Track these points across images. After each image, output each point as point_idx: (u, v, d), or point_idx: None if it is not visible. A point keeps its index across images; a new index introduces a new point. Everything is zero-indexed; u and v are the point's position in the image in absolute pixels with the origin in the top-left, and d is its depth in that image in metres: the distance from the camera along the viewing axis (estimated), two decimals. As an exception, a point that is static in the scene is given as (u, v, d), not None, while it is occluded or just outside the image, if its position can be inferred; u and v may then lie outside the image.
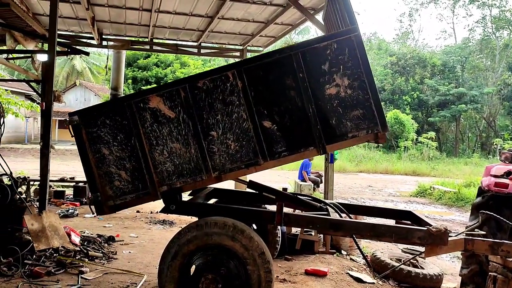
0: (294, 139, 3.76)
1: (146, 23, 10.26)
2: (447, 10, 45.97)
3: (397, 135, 30.71)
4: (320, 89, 3.71)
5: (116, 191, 3.94)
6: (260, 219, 4.44)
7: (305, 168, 13.77)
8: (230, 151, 3.81)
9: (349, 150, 28.22)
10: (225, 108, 3.79)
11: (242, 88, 3.76)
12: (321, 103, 3.71)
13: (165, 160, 3.86)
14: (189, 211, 4.28)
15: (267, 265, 3.69)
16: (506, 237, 4.55)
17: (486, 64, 39.60)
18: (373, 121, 3.73)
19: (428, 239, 3.85)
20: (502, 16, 38.86)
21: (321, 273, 5.46)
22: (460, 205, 13.14)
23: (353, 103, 3.70)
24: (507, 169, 5.00)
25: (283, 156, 3.78)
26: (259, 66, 3.79)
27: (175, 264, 3.74)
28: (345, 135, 3.74)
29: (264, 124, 3.76)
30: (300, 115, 3.73)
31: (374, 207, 6.28)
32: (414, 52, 39.06)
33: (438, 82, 35.52)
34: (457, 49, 40.37)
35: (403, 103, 35.45)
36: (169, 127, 3.85)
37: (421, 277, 5.46)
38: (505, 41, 38.19)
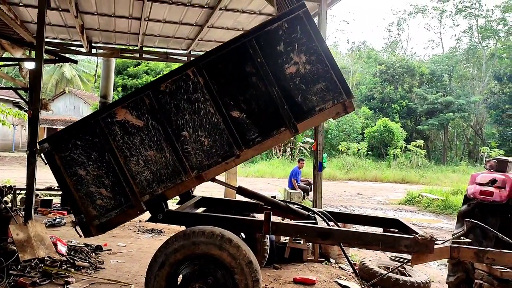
0: (264, 123, 3.79)
1: (136, 31, 10.27)
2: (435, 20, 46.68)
3: (386, 143, 30.93)
4: (280, 70, 3.75)
5: (100, 209, 3.92)
6: (248, 228, 4.43)
7: (295, 176, 13.79)
8: (205, 148, 3.82)
9: (339, 158, 28.35)
10: (191, 107, 3.80)
11: (204, 83, 3.78)
12: (284, 84, 3.75)
13: (142, 169, 3.85)
14: (177, 220, 4.26)
15: (254, 274, 3.69)
16: (491, 244, 4.59)
17: (472, 73, 40.16)
18: (337, 91, 3.77)
19: (415, 247, 3.88)
20: (488, 26, 39.50)
21: (310, 282, 5.46)
22: (448, 213, 13.24)
23: (314, 77, 3.75)
24: (492, 177, 5.06)
25: (257, 143, 3.80)
26: (217, 59, 3.81)
27: (162, 274, 3.72)
28: (313, 109, 3.77)
29: (233, 114, 3.78)
30: (266, 99, 3.76)
31: (362, 215, 6.31)
32: (403, 61, 39.49)
33: (426, 90, 35.92)
34: (444, 58, 40.90)
35: (392, 111, 35.76)
36: (140, 136, 3.85)
37: (408, 285, 5.48)
38: (491, 51, 38.79)
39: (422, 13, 45.60)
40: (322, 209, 5.36)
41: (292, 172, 13.97)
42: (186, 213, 4.31)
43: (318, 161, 7.24)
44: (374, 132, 31.29)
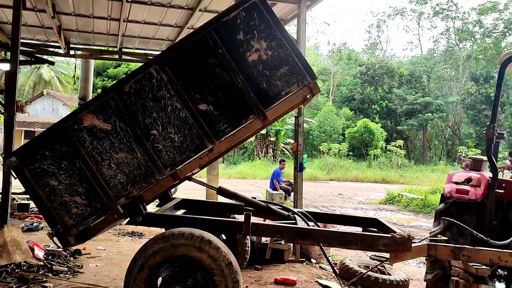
0: (233, 113, 3.80)
1: (115, 32, 10.16)
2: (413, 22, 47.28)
3: (367, 143, 31.27)
4: (243, 59, 3.76)
5: (76, 218, 3.85)
6: (227, 229, 4.43)
7: (276, 177, 13.83)
8: (176, 144, 3.80)
9: (320, 158, 28.54)
10: (158, 105, 3.78)
11: (168, 80, 3.76)
12: (248, 72, 3.76)
13: (115, 172, 3.81)
14: (156, 223, 4.23)
15: (234, 275, 3.68)
16: (467, 242, 4.67)
17: (450, 74, 40.91)
18: (301, 74, 3.79)
19: (393, 246, 3.93)
20: (465, 28, 40.30)
21: (290, 282, 5.49)
22: (426, 212, 13.45)
23: (277, 62, 3.76)
24: (468, 176, 5.16)
25: (227, 133, 3.79)
26: (178, 54, 3.81)
27: (141, 277, 3.68)
28: (279, 94, 3.79)
29: (200, 107, 3.77)
30: (232, 89, 3.77)
31: (342, 215, 6.37)
32: (383, 62, 39.99)
33: (405, 91, 36.43)
34: (423, 59, 41.56)
35: (372, 112, 36.17)
36: (110, 140, 3.80)
37: (388, 283, 5.56)
38: (468, 52, 39.57)
39: (401, 15, 46.25)
40: (303, 210, 5.39)
41: (274, 173, 14.01)
42: (165, 215, 4.28)
43: (299, 162, 7.27)
44: (355, 133, 31.61)
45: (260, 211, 4.95)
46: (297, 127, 7.36)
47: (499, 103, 5.19)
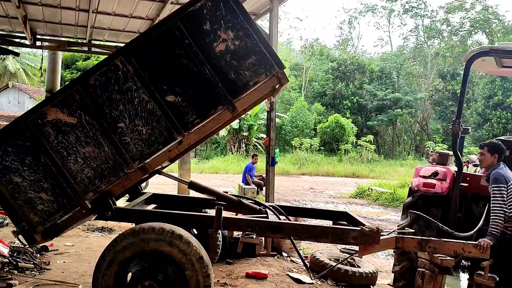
0: (201, 104, 3.77)
1: (84, 24, 9.92)
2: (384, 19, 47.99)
3: (338, 138, 31.65)
4: (210, 49, 3.74)
5: (42, 215, 3.74)
6: (198, 223, 4.41)
7: (249, 171, 13.86)
8: (144, 136, 3.75)
9: (292, 153, 28.73)
10: (124, 97, 3.72)
11: (134, 72, 3.71)
12: (215, 62, 3.74)
13: (81, 167, 3.72)
14: (126, 218, 4.18)
15: (205, 269, 3.69)
16: (433, 234, 4.81)
17: (419, 71, 41.81)
18: (269, 63, 3.79)
19: (362, 239, 4.02)
20: (433, 26, 41.23)
21: (262, 276, 5.52)
22: (395, 205, 13.75)
23: (245, 52, 3.76)
24: (434, 170, 5.31)
25: (196, 124, 3.76)
26: (144, 45, 3.77)
27: (111, 272, 3.64)
28: (247, 84, 3.78)
29: (168, 99, 3.73)
30: (199, 80, 3.74)
31: (313, 209, 6.46)
32: (354, 58, 40.47)
33: (376, 87, 37.02)
34: (393, 56, 42.30)
35: (343, 107, 36.61)
36: (75, 134, 3.72)
37: (357, 276, 5.67)
38: (436, 50, 40.53)
39: (372, 12, 46.90)
40: (274, 204, 5.43)
41: (246, 168, 14.04)
42: (135, 209, 4.24)
43: (271, 156, 7.31)
44: (326, 128, 31.94)
45: (232, 206, 4.96)
46: (269, 121, 7.38)
47: (464, 99, 5.35)
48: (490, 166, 4.70)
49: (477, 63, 5.40)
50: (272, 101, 7.24)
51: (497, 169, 4.60)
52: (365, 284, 5.71)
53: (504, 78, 27.45)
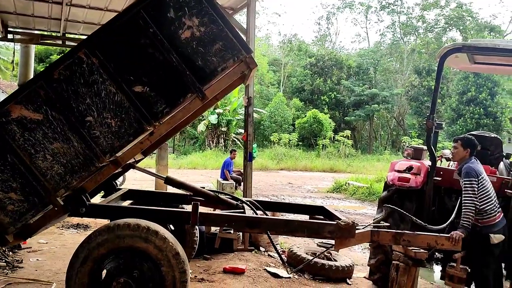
0: (170, 93, 3.72)
1: (57, 16, 9.67)
2: (361, 15, 48.50)
3: (316, 133, 31.89)
4: (175, 37, 3.68)
5: (13, 215, 3.62)
6: (175, 219, 4.38)
7: (227, 167, 13.82)
8: (114, 129, 3.67)
9: (271, 148, 28.81)
10: (91, 90, 3.63)
11: (99, 64, 3.63)
12: (182, 50, 3.69)
13: (51, 164, 3.62)
14: (101, 214, 4.11)
15: (181, 265, 3.66)
16: (408, 227, 4.88)
17: (395, 67, 42.43)
18: (235, 48, 3.75)
19: (338, 233, 4.05)
20: (409, 23, 41.85)
21: (239, 271, 5.54)
22: (372, 199, 13.94)
23: (211, 38, 3.71)
24: (409, 164, 5.39)
25: (166, 114, 3.71)
26: (108, 36, 3.69)
27: (85, 270, 3.58)
28: (215, 70, 3.74)
29: (136, 90, 3.66)
30: (167, 68, 3.69)
31: (290, 204, 6.49)
32: (332, 54, 40.77)
33: (353, 83, 37.42)
34: (370, 52, 42.78)
35: (321, 103, 36.88)
36: (42, 130, 3.61)
37: (333, 269, 5.74)
38: (412, 46, 41.18)
39: (349, 8, 47.30)
40: (252, 199, 5.43)
41: (225, 163, 14.00)
42: (110, 206, 4.18)
43: (248, 152, 7.30)
44: (305, 123, 32.13)
45: (209, 201, 4.94)
46: (247, 117, 7.36)
47: (438, 95, 5.44)
48: (462, 160, 4.80)
49: (451, 59, 5.49)
50: (250, 96, 7.23)
51: (468, 163, 4.69)
52: (341, 277, 5.79)
53: (477, 74, 28.11)
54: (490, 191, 4.65)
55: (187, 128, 31.73)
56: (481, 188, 4.59)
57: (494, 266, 4.72)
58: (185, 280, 3.67)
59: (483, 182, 4.62)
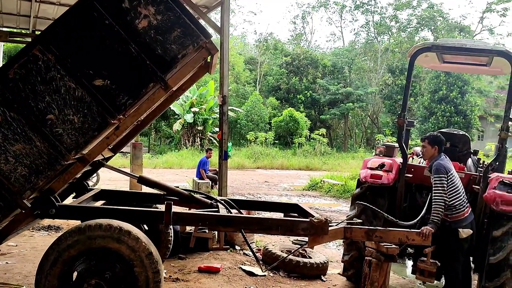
0: (131, 84, 3.65)
1: (27, 13, 9.46)
2: (336, 14, 48.93)
3: (292, 132, 32.07)
4: (132, 27, 3.62)
5: None
6: (148, 219, 4.34)
7: (203, 166, 13.77)
8: (77, 125, 3.58)
9: (247, 147, 28.82)
10: (49, 87, 3.54)
11: (56, 60, 3.53)
12: (140, 39, 3.63)
13: (14, 166, 3.50)
14: (71, 215, 4.04)
15: (155, 265, 3.63)
16: (380, 224, 4.98)
17: (369, 66, 42.99)
18: (194, 34, 3.70)
19: (311, 230, 4.08)
20: (383, 22, 42.48)
21: (214, 269, 5.52)
22: (346, 197, 14.10)
23: (168, 25, 3.66)
24: (381, 161, 5.49)
25: (129, 105, 3.64)
26: (63, 31, 3.59)
27: (55, 272, 3.51)
28: (176, 58, 3.68)
29: (96, 83, 3.58)
30: (126, 60, 3.62)
31: (265, 202, 6.53)
32: (307, 53, 41.04)
33: (328, 82, 37.77)
34: (344, 51, 43.25)
35: (297, 101, 37.11)
36: (2, 132, 3.49)
37: (308, 266, 5.79)
38: (386, 45, 41.81)
39: (324, 7, 47.68)
40: (227, 198, 5.43)
41: (200, 162, 13.94)
42: (81, 206, 4.11)
43: (224, 150, 7.29)
44: (281, 122, 32.28)
45: (183, 200, 4.91)
46: (222, 115, 7.36)
47: (408, 93, 5.56)
48: (432, 158, 4.91)
49: (421, 58, 5.61)
50: (224, 94, 7.22)
51: (438, 160, 4.80)
52: (316, 274, 5.85)
53: (448, 73, 28.79)
54: (459, 187, 4.78)
55: (163, 127, 31.49)
56: (451, 184, 4.71)
57: (463, 259, 4.86)
58: (158, 280, 3.64)
59: (452, 179, 4.74)
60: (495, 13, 39.33)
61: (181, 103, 27.38)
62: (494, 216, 4.79)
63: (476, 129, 31.66)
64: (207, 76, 33.13)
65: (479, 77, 32.86)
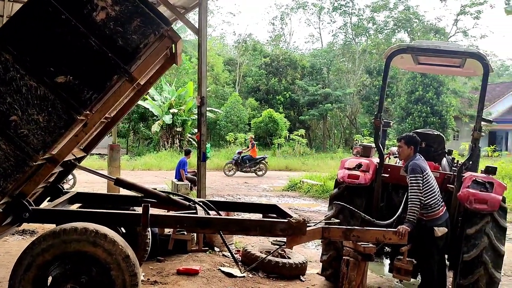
0: (95, 78, 3.59)
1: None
2: (314, 16, 49.24)
3: (272, 132, 32.15)
4: (90, 20, 3.56)
5: None
6: (125, 222, 4.29)
7: (183, 166, 13.65)
8: (42, 124, 3.50)
9: (227, 148, 28.75)
10: (10, 88, 3.45)
11: (14, 59, 3.45)
12: (99, 32, 3.57)
13: None
14: (46, 219, 3.97)
15: (132, 268, 3.59)
16: (358, 223, 5.03)
17: (348, 67, 43.42)
18: (154, 22, 3.66)
19: (289, 230, 4.11)
20: (360, 24, 42.98)
21: (193, 272, 5.50)
22: (325, 197, 14.18)
23: (127, 15, 3.62)
24: (358, 162, 5.55)
25: (94, 100, 3.57)
26: (19, 29, 3.52)
27: (29, 277, 3.44)
28: (138, 48, 3.63)
29: (58, 80, 3.51)
30: (87, 54, 3.56)
31: (244, 203, 6.52)
32: (286, 54, 41.20)
33: (307, 83, 38.00)
34: (323, 52, 43.58)
35: (276, 102, 37.23)
36: None
37: (287, 266, 5.81)
38: (363, 47, 42.30)
39: (303, 8, 47.93)
40: (205, 199, 5.41)
41: (180, 163, 13.82)
42: (56, 210, 4.03)
43: (202, 152, 7.26)
44: (260, 123, 32.32)
45: (161, 202, 4.88)
46: (200, 116, 7.31)
47: (385, 94, 5.64)
48: (408, 158, 4.99)
49: (397, 60, 5.70)
50: (203, 95, 7.19)
51: (414, 160, 4.89)
52: (295, 274, 5.87)
53: (424, 74, 29.31)
54: (434, 186, 4.87)
55: (141, 129, 31.17)
56: (426, 183, 4.80)
57: (438, 257, 4.95)
58: (136, 283, 3.60)
59: (428, 178, 4.83)
60: (469, 15, 40.23)
61: (159, 104, 27.15)
62: (468, 214, 4.90)
63: (451, 129, 32.31)
64: (186, 77, 33.00)
65: (454, 78, 33.54)
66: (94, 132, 4.71)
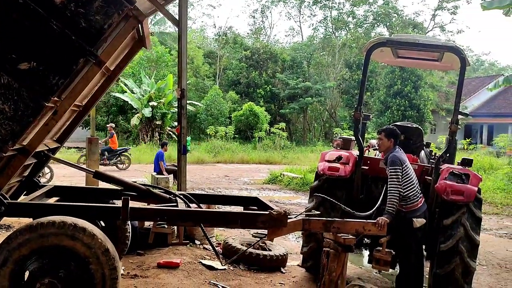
0: (60, 63, 3.50)
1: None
2: (295, 9, 49.27)
3: (252, 126, 32.13)
4: (49, 3, 3.45)
5: None
6: (104, 215, 4.24)
7: (161, 158, 13.52)
8: (9, 114, 3.40)
9: (207, 142, 28.64)
10: None
11: None
12: (60, 15, 3.48)
13: None
14: (22, 213, 3.89)
15: (111, 262, 3.56)
16: (338, 215, 5.06)
17: (328, 60, 43.62)
18: (117, 2, 3.57)
19: (270, 222, 4.12)
20: (340, 18, 43.20)
21: (174, 265, 5.47)
22: (305, 189, 14.28)
23: None
24: (338, 154, 5.59)
25: (61, 85, 3.48)
26: None
27: (5, 272, 3.38)
28: (102, 29, 3.55)
29: (22, 67, 3.41)
30: (50, 38, 3.47)
31: (225, 196, 6.52)
32: (267, 47, 41.13)
33: (288, 76, 38.06)
34: (303, 46, 43.68)
35: (257, 96, 37.20)
36: None
37: (268, 259, 5.83)
38: (343, 41, 42.56)
39: (283, 2, 47.87)
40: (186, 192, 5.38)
41: (157, 156, 13.70)
42: (32, 203, 3.96)
43: (182, 145, 7.20)
44: (241, 116, 32.26)
45: (141, 195, 4.83)
46: (180, 109, 7.25)
47: (364, 87, 5.69)
48: (388, 150, 5.05)
49: (376, 53, 5.74)
50: (183, 88, 7.13)
51: (393, 153, 4.95)
52: (276, 266, 5.90)
53: (402, 68, 29.68)
54: (413, 178, 4.95)
55: (120, 122, 30.75)
56: (405, 175, 4.87)
57: (416, 248, 5.04)
58: (115, 277, 3.57)
59: (407, 170, 4.90)
60: (446, 11, 40.89)
61: (139, 97, 26.83)
62: (445, 205, 5.00)
63: (429, 122, 32.85)
64: (166, 70, 32.65)
65: (432, 72, 34.05)
66: (66, 122, 4.61)
